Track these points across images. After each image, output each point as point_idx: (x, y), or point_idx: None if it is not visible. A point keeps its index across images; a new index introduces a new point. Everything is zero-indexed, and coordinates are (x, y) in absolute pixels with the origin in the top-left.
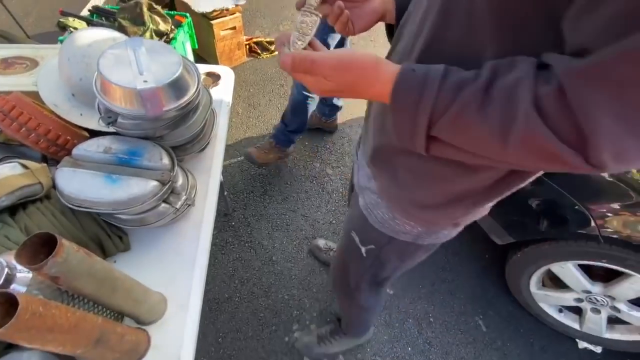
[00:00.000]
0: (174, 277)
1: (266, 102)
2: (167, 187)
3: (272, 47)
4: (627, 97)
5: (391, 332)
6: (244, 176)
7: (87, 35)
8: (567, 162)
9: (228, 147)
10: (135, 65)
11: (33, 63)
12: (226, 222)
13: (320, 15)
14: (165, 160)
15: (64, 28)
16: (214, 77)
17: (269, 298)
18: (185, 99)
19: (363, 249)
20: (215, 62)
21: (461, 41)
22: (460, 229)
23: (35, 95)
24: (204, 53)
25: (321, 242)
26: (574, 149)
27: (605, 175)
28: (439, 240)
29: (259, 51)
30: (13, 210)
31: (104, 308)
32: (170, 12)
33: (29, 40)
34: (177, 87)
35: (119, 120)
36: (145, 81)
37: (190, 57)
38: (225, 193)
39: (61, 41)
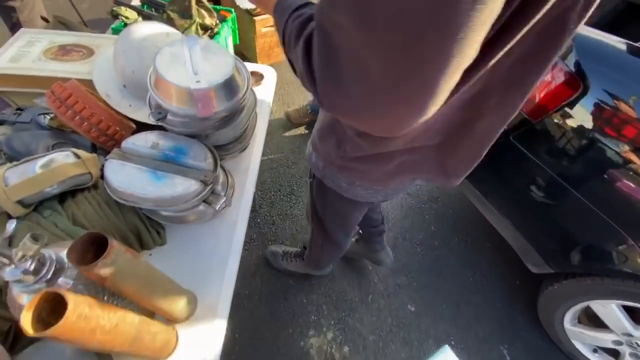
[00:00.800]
0: (206, 276)
1: (300, 101)
2: (209, 188)
3: None
4: (330, 42)
5: (409, 351)
6: (273, 174)
7: (142, 29)
8: (308, 82)
9: None
10: (190, 64)
11: (89, 52)
12: (252, 219)
13: None
14: (210, 160)
15: (116, 16)
16: (257, 77)
17: (287, 300)
18: (235, 100)
19: (309, 181)
20: (254, 58)
21: None
22: (352, 187)
23: (89, 83)
24: (244, 48)
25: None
26: (315, 87)
27: None
28: (340, 190)
29: None
30: (62, 197)
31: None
32: (216, 6)
33: (86, 28)
34: (228, 88)
35: (169, 117)
36: (198, 81)
37: (231, 52)
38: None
39: (113, 29)
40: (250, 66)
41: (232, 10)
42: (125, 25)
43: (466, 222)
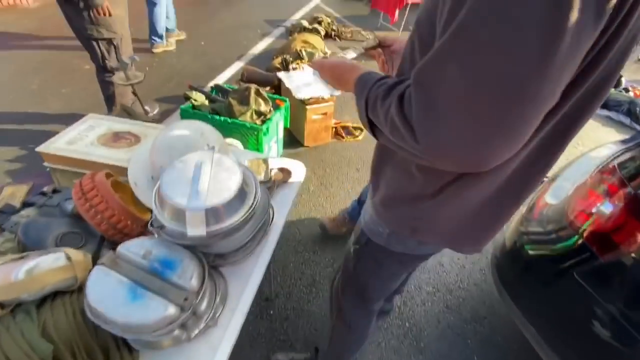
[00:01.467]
0: None
1: (339, 184)
2: (185, 315)
3: (357, 133)
4: (430, 94)
5: None
6: (297, 259)
7: (179, 128)
8: (409, 141)
9: (290, 224)
10: (193, 181)
11: (136, 140)
12: (265, 308)
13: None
14: (194, 282)
15: (187, 98)
16: (285, 174)
17: None
18: (231, 222)
19: (352, 248)
20: (302, 139)
21: (410, 70)
22: (422, 243)
23: (125, 170)
24: (295, 130)
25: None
26: (412, 132)
27: None
28: (408, 250)
29: (343, 134)
30: (43, 298)
31: None
32: (273, 95)
33: (145, 117)
34: (227, 208)
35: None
36: (193, 201)
37: (281, 133)
38: (273, 272)
39: (182, 109)
40: (280, 162)
41: (287, 99)
42: (194, 107)
43: (518, 354)
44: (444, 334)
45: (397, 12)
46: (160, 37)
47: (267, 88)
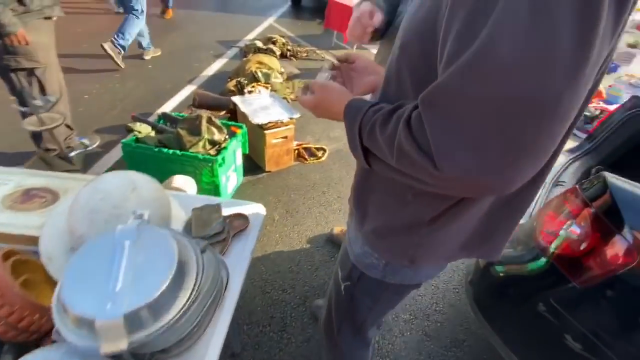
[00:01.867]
0: None
1: (306, 209)
2: None
3: (319, 154)
4: (449, 117)
5: None
6: (265, 300)
7: (105, 183)
8: (424, 168)
9: (254, 261)
10: (105, 278)
11: (54, 197)
12: None
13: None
14: None
15: (130, 130)
16: (242, 221)
17: None
18: (165, 319)
19: (342, 286)
20: (264, 165)
21: (396, 93)
22: (421, 271)
23: (37, 240)
24: (254, 155)
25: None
26: (428, 158)
27: None
28: (405, 281)
29: (306, 156)
30: None
31: None
32: (228, 122)
33: (69, 166)
34: (154, 308)
35: None
36: (107, 307)
37: (239, 160)
38: (239, 321)
39: (123, 144)
40: (233, 208)
41: (243, 125)
42: (137, 140)
43: None
44: None
45: None
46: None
47: (222, 112)
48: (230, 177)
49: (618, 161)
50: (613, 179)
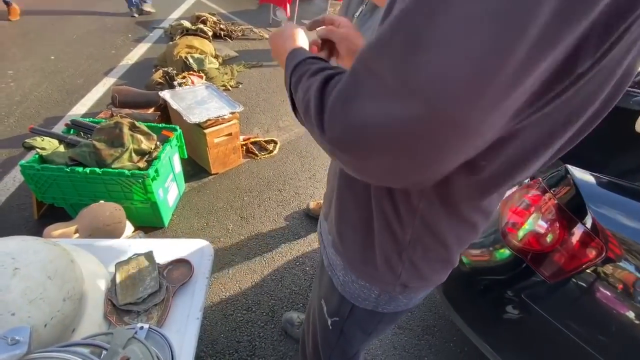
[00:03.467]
0: None
1: (262, 213)
2: None
3: (270, 147)
4: (358, 84)
5: None
6: (228, 324)
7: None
8: (315, 129)
9: (212, 281)
10: None
11: None
12: None
13: None
14: None
15: (29, 148)
16: (184, 269)
17: None
18: None
19: (329, 321)
20: (209, 167)
21: None
22: (414, 295)
23: None
24: (196, 157)
25: (294, 315)
26: (320, 119)
27: None
28: (400, 308)
29: (256, 152)
30: None
31: None
32: (157, 125)
33: None
34: None
35: None
36: None
37: (178, 167)
38: (202, 354)
39: (22, 167)
40: (173, 250)
41: (177, 128)
42: (42, 159)
43: (470, 356)
44: (402, 356)
45: (288, 6)
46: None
47: (151, 110)
48: (170, 188)
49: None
50: (575, 171)
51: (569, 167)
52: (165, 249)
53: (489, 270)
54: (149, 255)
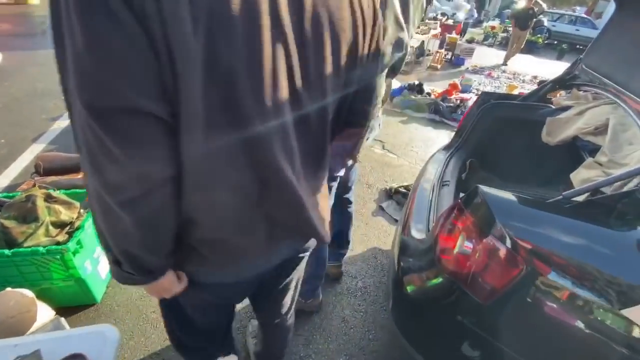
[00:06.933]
0: None
1: None
2: None
3: None
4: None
5: None
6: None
7: None
8: None
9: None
10: None
11: None
12: None
13: None
14: None
15: None
16: None
17: None
18: None
19: None
20: None
21: None
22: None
23: None
24: None
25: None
26: None
27: None
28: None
29: None
30: None
31: None
32: (79, 191)
33: None
34: None
35: None
36: None
37: None
38: None
39: None
40: (68, 344)
41: None
42: None
43: None
44: None
45: None
46: None
47: (80, 175)
48: (101, 258)
49: (484, 152)
50: (485, 189)
51: (480, 186)
52: (58, 345)
53: (430, 298)
54: (35, 357)
